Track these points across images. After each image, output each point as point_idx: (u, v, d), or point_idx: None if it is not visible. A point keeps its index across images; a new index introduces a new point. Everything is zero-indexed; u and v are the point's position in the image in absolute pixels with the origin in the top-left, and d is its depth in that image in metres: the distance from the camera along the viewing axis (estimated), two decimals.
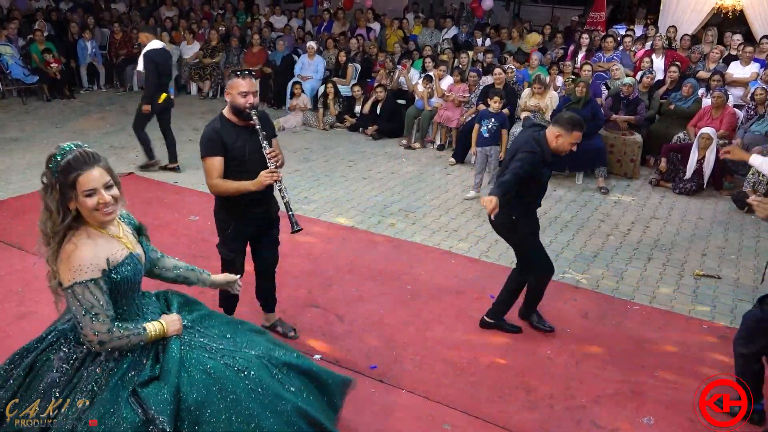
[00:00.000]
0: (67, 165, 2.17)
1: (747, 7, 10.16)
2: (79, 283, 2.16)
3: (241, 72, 3.50)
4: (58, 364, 2.29)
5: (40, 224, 2.23)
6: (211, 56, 11.38)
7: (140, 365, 2.32)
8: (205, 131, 3.54)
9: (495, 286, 4.96)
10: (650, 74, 8.54)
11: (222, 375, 2.37)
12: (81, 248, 2.19)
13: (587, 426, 3.46)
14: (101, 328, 2.18)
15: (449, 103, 8.77)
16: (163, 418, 2.18)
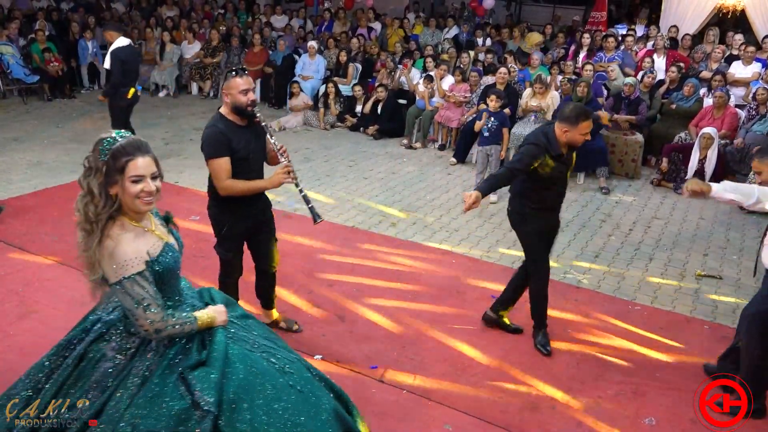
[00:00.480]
0: (121, 149, 2.21)
1: (749, 7, 10.14)
2: (126, 278, 2.21)
3: (237, 70, 3.50)
4: (112, 355, 2.35)
5: (79, 207, 2.24)
6: (212, 56, 11.37)
7: (187, 351, 2.37)
8: (208, 133, 3.50)
9: (495, 287, 4.96)
10: (651, 74, 8.52)
11: (263, 369, 2.42)
12: (122, 243, 2.23)
13: (589, 426, 3.45)
14: (155, 317, 2.25)
15: (450, 103, 8.76)
16: (209, 399, 2.23)
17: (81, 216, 2.24)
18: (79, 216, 2.25)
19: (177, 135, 8.88)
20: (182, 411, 2.22)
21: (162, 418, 2.20)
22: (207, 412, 2.21)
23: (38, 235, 5.42)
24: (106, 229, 2.24)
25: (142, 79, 11.59)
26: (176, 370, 2.31)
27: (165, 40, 11.52)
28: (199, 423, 2.21)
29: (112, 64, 7.04)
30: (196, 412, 2.23)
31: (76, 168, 7.25)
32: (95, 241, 2.22)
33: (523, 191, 3.94)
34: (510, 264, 5.38)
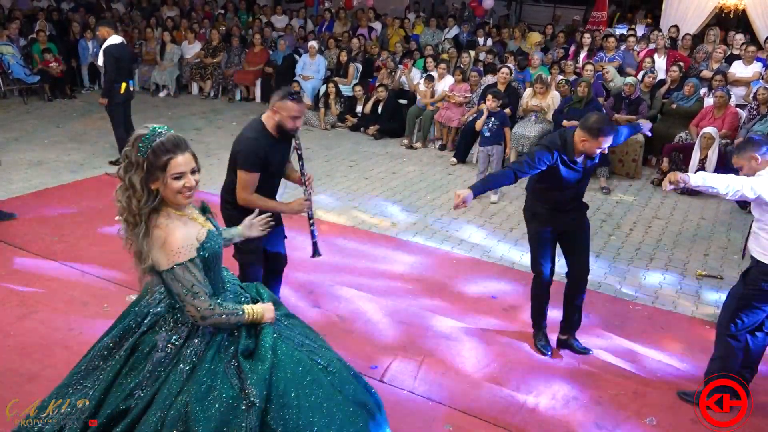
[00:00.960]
0: (160, 146, 2.26)
1: (749, 7, 10.14)
2: (179, 264, 2.26)
3: (296, 96, 3.57)
4: (163, 344, 2.40)
5: (120, 200, 2.29)
6: (212, 56, 11.37)
7: (235, 338, 2.44)
8: (251, 144, 3.52)
9: (496, 287, 4.96)
10: (652, 74, 8.52)
11: (308, 368, 2.47)
12: (173, 232, 2.28)
13: (590, 427, 3.45)
14: (203, 304, 2.30)
15: (450, 103, 8.76)
16: (256, 392, 2.29)
17: (123, 208, 2.29)
18: (121, 208, 2.30)
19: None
20: (231, 399, 2.29)
21: (213, 405, 2.27)
22: (252, 404, 2.27)
23: (38, 235, 5.42)
24: (151, 221, 2.29)
25: (143, 78, 11.63)
26: (225, 358, 2.38)
27: (165, 40, 11.52)
28: (245, 414, 2.27)
29: (106, 61, 7.14)
30: (243, 402, 2.29)
31: (77, 168, 7.26)
32: (141, 232, 2.28)
33: (534, 190, 3.93)
34: (510, 264, 5.38)
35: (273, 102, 3.59)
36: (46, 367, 3.65)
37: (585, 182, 3.88)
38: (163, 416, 2.26)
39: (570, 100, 7.71)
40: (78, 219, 5.80)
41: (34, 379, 3.53)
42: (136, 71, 11.57)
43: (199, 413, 2.25)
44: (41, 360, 3.71)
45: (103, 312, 4.27)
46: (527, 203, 4.01)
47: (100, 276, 4.76)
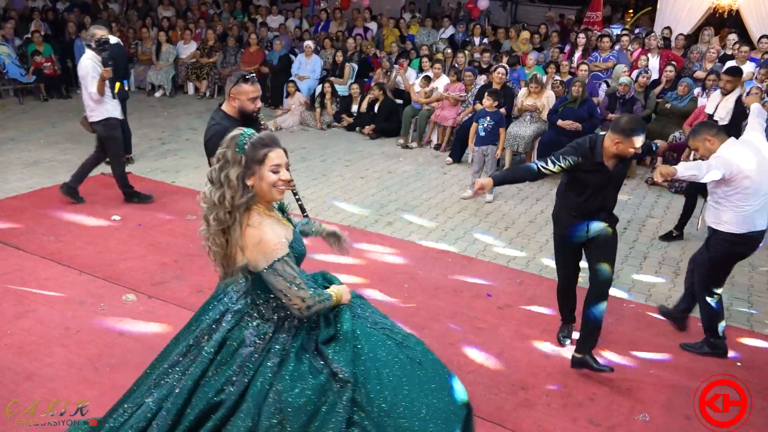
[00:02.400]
0: (259, 140, 2.36)
1: (743, 7, 10.20)
2: (278, 260, 2.33)
3: (248, 77, 3.57)
4: (251, 340, 2.47)
5: (213, 198, 2.35)
6: (208, 56, 11.38)
7: (316, 328, 2.53)
8: (216, 129, 3.53)
9: (491, 285, 4.99)
10: (646, 74, 8.57)
11: (384, 345, 2.56)
12: (266, 231, 2.35)
13: (584, 423, 3.48)
14: (305, 294, 2.38)
15: (446, 102, 8.80)
16: (346, 371, 2.39)
17: (214, 205, 2.35)
18: (212, 207, 2.36)
19: (173, 135, 8.88)
20: (322, 384, 2.38)
21: (304, 394, 2.35)
22: (345, 382, 2.37)
23: (35, 234, 5.43)
24: (244, 220, 2.37)
25: (139, 79, 11.63)
26: (309, 347, 2.48)
27: (161, 40, 11.53)
28: (338, 394, 2.37)
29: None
30: (335, 384, 2.39)
31: (73, 168, 7.25)
32: (237, 230, 2.35)
33: (561, 192, 3.88)
34: (505, 263, 5.42)
35: (228, 90, 3.62)
36: (44, 366, 3.66)
37: (612, 190, 3.79)
38: (258, 408, 2.34)
39: (565, 100, 7.75)
40: (74, 219, 5.81)
41: (32, 378, 3.55)
42: (132, 71, 11.59)
43: (293, 402, 2.33)
44: (39, 359, 3.72)
45: (100, 311, 4.29)
46: (555, 208, 3.96)
47: (97, 275, 4.78)
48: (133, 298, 4.48)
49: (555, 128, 7.64)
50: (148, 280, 4.76)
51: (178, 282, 4.76)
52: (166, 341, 3.94)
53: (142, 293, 4.55)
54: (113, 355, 3.81)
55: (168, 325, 4.17)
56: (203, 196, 2.39)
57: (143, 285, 4.67)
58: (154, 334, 4.06)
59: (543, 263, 5.44)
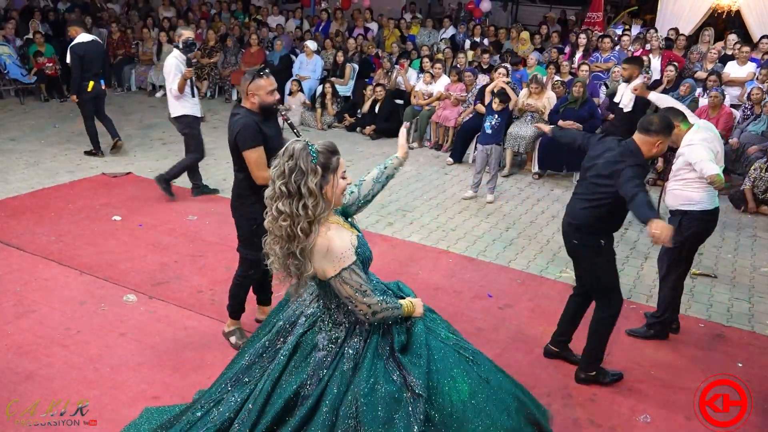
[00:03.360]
0: (328, 148, 2.45)
1: (743, 8, 10.20)
2: (345, 269, 2.38)
3: (262, 73, 3.61)
4: (324, 344, 2.54)
5: (293, 211, 2.33)
6: (209, 56, 11.38)
7: (389, 336, 2.56)
8: (244, 123, 3.55)
9: (492, 285, 4.99)
10: (647, 74, 8.55)
11: (457, 361, 2.58)
12: (334, 240, 2.39)
13: (585, 424, 3.48)
14: (372, 300, 2.42)
15: (447, 103, 8.79)
16: (420, 384, 2.42)
17: (297, 216, 2.33)
18: (294, 219, 2.34)
19: (174, 135, 8.84)
20: (395, 392, 2.42)
21: (379, 401, 2.40)
22: (418, 396, 2.40)
23: (36, 235, 5.43)
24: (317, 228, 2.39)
25: (140, 79, 11.64)
26: (383, 355, 2.51)
27: (162, 41, 11.53)
28: (412, 404, 2.40)
29: (71, 60, 7.31)
30: (406, 394, 2.42)
31: (74, 168, 7.27)
32: (312, 240, 2.36)
33: (611, 208, 3.53)
34: (506, 263, 5.41)
35: (244, 88, 3.63)
36: (44, 366, 3.66)
37: None
38: (335, 412, 2.40)
39: (565, 101, 7.74)
40: (75, 219, 5.81)
41: (32, 378, 3.55)
42: (132, 72, 11.61)
43: (367, 408, 2.38)
44: (39, 359, 3.72)
45: (100, 311, 4.29)
46: (591, 237, 3.62)
47: (97, 276, 4.78)
48: (134, 299, 4.48)
49: (556, 129, 7.62)
50: (149, 280, 4.76)
51: (179, 282, 4.75)
52: (167, 342, 3.98)
53: (143, 294, 4.55)
54: (113, 356, 3.81)
55: (168, 326, 4.17)
56: (277, 213, 2.36)
57: (144, 285, 4.67)
58: (154, 335, 4.06)
59: (544, 264, 5.44)
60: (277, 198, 2.37)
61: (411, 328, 2.60)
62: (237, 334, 3.99)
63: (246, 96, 3.63)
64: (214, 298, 4.52)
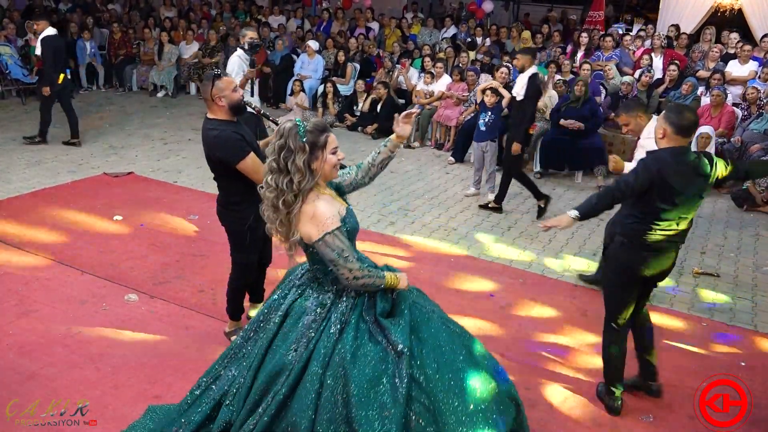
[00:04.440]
0: (317, 126, 2.58)
1: (745, 6, 10.17)
2: (328, 233, 2.53)
3: (217, 73, 3.57)
4: (312, 308, 2.70)
5: (278, 185, 2.52)
6: (210, 56, 11.37)
7: (374, 302, 2.72)
8: (225, 136, 3.50)
9: (493, 285, 4.98)
10: (649, 73, 8.54)
11: (440, 330, 2.75)
12: (320, 206, 2.56)
13: (587, 423, 3.46)
14: (353, 266, 2.57)
15: (448, 102, 8.78)
16: (401, 341, 2.57)
17: (283, 191, 2.52)
18: (280, 193, 2.53)
19: (175, 135, 8.88)
20: (379, 351, 2.57)
21: (365, 360, 2.54)
22: (401, 353, 2.55)
23: (37, 234, 5.42)
24: (303, 198, 2.57)
25: (141, 79, 11.65)
26: (368, 319, 2.67)
27: (163, 41, 11.53)
28: (397, 365, 2.55)
29: (44, 52, 7.55)
30: (391, 353, 2.57)
31: (75, 168, 7.27)
32: (297, 207, 2.54)
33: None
34: (508, 263, 5.40)
35: (207, 94, 3.56)
36: (45, 365, 3.66)
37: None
38: (322, 372, 2.54)
39: (567, 99, 7.73)
40: (76, 218, 5.81)
41: (33, 378, 3.54)
42: (134, 72, 11.63)
43: (353, 369, 2.51)
44: (40, 359, 3.72)
45: (101, 311, 4.28)
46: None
47: (99, 275, 4.77)
48: (135, 298, 4.48)
49: (557, 128, 7.62)
50: (150, 280, 4.75)
51: (180, 282, 4.75)
52: (168, 341, 3.97)
53: (144, 293, 4.55)
54: (115, 355, 3.80)
55: (170, 325, 4.16)
56: (266, 185, 2.56)
57: (145, 285, 4.67)
58: (155, 334, 4.05)
59: (545, 263, 5.42)
60: (268, 172, 2.57)
61: (396, 299, 2.76)
62: (238, 333, 3.97)
63: (212, 102, 3.56)
64: (216, 297, 4.52)
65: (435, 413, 2.53)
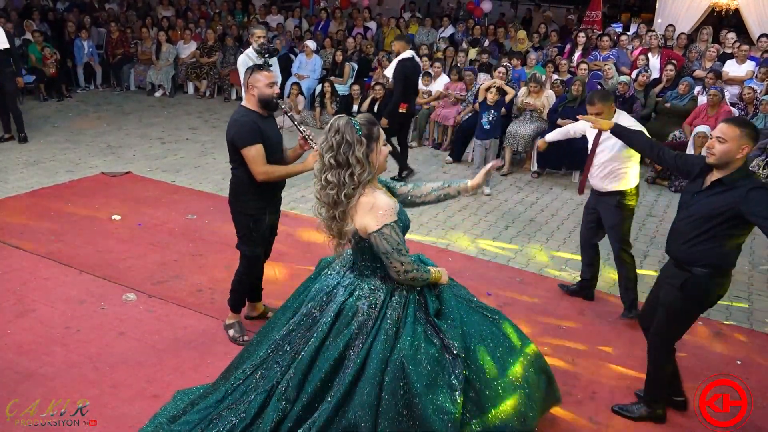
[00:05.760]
0: (368, 120, 2.66)
1: (742, 6, 10.20)
2: (386, 225, 2.59)
3: (261, 65, 3.68)
4: (364, 309, 2.72)
5: (339, 179, 2.58)
6: (208, 55, 11.38)
7: (423, 302, 2.80)
8: (241, 121, 3.60)
9: (491, 283, 5.00)
10: (646, 72, 8.56)
11: (483, 322, 2.89)
12: (379, 198, 2.63)
13: (584, 422, 3.48)
14: (406, 260, 2.64)
15: (446, 102, 8.79)
16: (457, 345, 2.68)
17: (344, 185, 2.58)
18: (340, 186, 2.59)
19: (173, 134, 8.88)
20: (436, 353, 2.66)
21: (423, 362, 2.61)
22: (457, 356, 2.66)
23: (35, 234, 5.42)
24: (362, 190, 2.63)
25: (138, 78, 11.65)
26: (421, 319, 2.74)
27: (161, 40, 11.52)
28: (452, 364, 2.66)
29: None
30: (446, 355, 2.67)
31: (73, 167, 7.27)
32: (355, 200, 2.60)
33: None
34: (505, 262, 5.42)
35: (245, 81, 3.66)
36: (44, 365, 3.66)
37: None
38: (381, 373, 2.59)
39: (564, 99, 7.75)
40: (74, 218, 5.81)
41: (32, 377, 3.55)
42: (131, 71, 11.62)
43: (413, 370, 2.57)
44: (39, 358, 3.73)
45: (99, 310, 4.29)
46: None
47: (97, 275, 4.78)
48: (133, 298, 4.48)
49: (555, 127, 7.61)
50: (148, 279, 4.76)
51: (178, 281, 4.76)
52: (167, 340, 3.98)
53: (142, 292, 4.55)
54: (113, 355, 3.81)
55: (168, 325, 4.17)
56: (325, 182, 2.61)
57: (143, 284, 4.67)
58: (154, 334, 4.06)
59: (543, 262, 5.44)
60: (326, 170, 2.62)
61: (441, 295, 2.85)
62: (236, 327, 4.05)
63: (246, 90, 3.68)
64: (214, 296, 4.53)
65: (480, 402, 2.69)
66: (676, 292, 3.23)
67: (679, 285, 3.21)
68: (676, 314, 3.32)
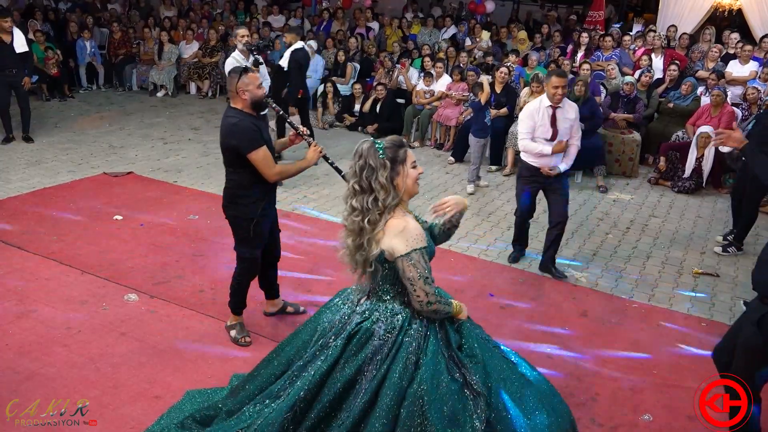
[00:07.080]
0: (394, 142, 2.59)
1: (745, 6, 10.17)
2: (416, 249, 2.47)
3: (248, 69, 3.67)
4: (380, 333, 2.57)
5: (366, 203, 2.49)
6: (210, 56, 11.38)
7: (444, 333, 2.64)
8: (241, 126, 3.58)
9: (494, 284, 4.98)
10: (649, 73, 8.54)
11: (502, 365, 2.70)
12: (410, 222, 2.53)
13: (586, 423, 3.46)
14: (431, 290, 2.51)
15: (448, 102, 8.78)
16: (479, 382, 2.53)
17: (368, 210, 2.49)
18: (364, 213, 2.49)
19: (175, 135, 8.88)
20: (458, 389, 2.50)
21: (444, 398, 2.46)
22: (479, 394, 2.50)
23: (36, 234, 5.42)
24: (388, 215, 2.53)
25: (141, 78, 11.65)
26: (444, 352, 2.58)
27: (163, 40, 11.53)
28: (474, 401, 2.50)
29: None
30: (468, 392, 2.51)
31: (75, 168, 7.27)
32: (382, 225, 2.49)
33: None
34: (506, 262, 5.40)
35: (233, 86, 3.62)
36: (45, 365, 3.66)
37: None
38: (397, 404, 2.43)
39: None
40: (76, 218, 5.81)
41: (33, 378, 3.54)
42: (133, 72, 11.63)
43: (433, 405, 2.41)
44: (40, 358, 3.72)
45: (101, 311, 4.28)
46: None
47: (98, 275, 4.77)
48: (135, 298, 4.48)
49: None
50: (150, 279, 4.75)
51: (180, 282, 4.75)
52: (168, 341, 3.97)
53: (144, 293, 4.55)
54: (115, 355, 3.80)
55: (169, 325, 4.16)
56: (351, 209, 2.53)
57: (145, 285, 4.67)
58: (155, 334, 4.05)
59: None
60: (351, 196, 2.55)
61: (461, 329, 2.71)
62: (237, 328, 4.04)
63: (236, 95, 3.63)
64: (215, 297, 4.52)
65: None
66: (753, 328, 2.98)
67: (756, 320, 2.97)
68: (753, 353, 3.02)
